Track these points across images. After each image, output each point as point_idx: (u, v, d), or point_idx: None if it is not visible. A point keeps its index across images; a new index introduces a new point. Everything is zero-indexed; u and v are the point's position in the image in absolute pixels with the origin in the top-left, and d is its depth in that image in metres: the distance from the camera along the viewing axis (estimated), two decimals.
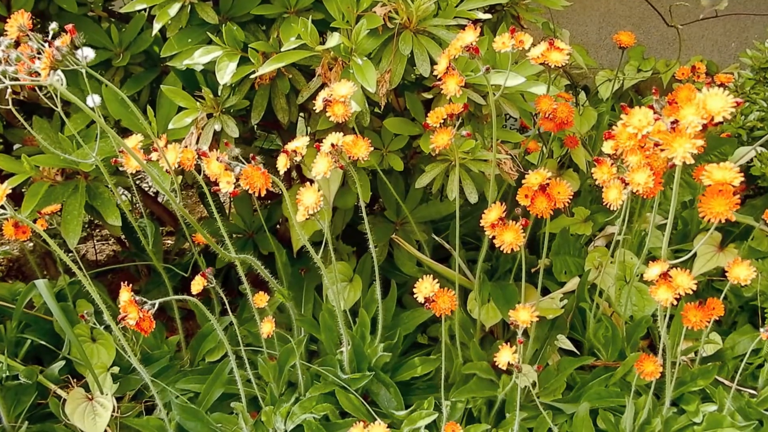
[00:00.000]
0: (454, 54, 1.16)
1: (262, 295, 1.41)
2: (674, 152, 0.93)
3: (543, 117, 1.41)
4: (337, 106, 1.20)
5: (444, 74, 1.18)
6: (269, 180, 1.18)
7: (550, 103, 1.38)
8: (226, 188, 1.20)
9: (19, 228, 1.45)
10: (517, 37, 1.20)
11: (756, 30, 2.53)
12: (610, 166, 1.16)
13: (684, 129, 0.92)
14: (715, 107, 0.92)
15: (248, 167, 1.17)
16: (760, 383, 1.41)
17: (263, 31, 1.41)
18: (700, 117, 0.92)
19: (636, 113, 0.98)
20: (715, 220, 0.99)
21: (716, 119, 0.92)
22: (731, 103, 0.92)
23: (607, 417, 1.36)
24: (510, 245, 1.15)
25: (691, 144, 0.92)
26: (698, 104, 0.93)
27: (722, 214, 0.98)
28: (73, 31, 1.06)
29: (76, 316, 1.55)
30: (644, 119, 0.97)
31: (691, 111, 0.93)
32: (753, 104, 1.78)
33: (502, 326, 1.58)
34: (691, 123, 0.92)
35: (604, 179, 1.17)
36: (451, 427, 1.32)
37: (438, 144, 1.21)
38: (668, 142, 0.94)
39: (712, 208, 0.99)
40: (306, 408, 1.40)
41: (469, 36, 1.15)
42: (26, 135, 1.62)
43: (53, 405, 1.43)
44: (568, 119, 1.43)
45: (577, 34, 2.62)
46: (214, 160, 1.20)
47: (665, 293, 1.06)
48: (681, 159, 0.92)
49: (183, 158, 1.25)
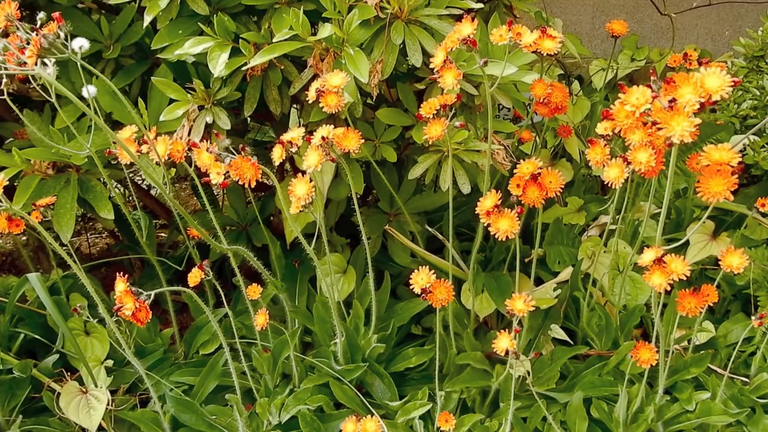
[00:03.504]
0: (451, 47, 1.15)
1: (256, 287, 1.41)
2: (672, 131, 0.93)
3: (537, 102, 1.41)
4: (330, 97, 1.19)
5: (441, 68, 1.17)
6: (259, 171, 1.18)
7: (544, 87, 1.37)
8: (216, 179, 1.19)
9: (12, 221, 1.44)
10: (515, 29, 1.20)
11: (750, 18, 2.53)
12: (603, 147, 1.16)
13: (682, 107, 0.92)
14: (713, 85, 0.92)
15: (238, 158, 1.17)
16: (753, 371, 1.42)
17: (254, 22, 1.40)
18: (698, 95, 0.92)
19: (634, 91, 0.98)
20: (713, 200, 0.99)
21: (714, 98, 0.92)
22: (729, 82, 0.91)
23: (601, 406, 1.36)
24: (505, 233, 1.15)
25: (688, 122, 0.92)
26: (696, 83, 0.92)
27: (720, 194, 0.98)
28: (59, 19, 1.05)
29: (70, 309, 1.55)
30: (642, 97, 0.97)
31: (689, 90, 0.93)
32: (746, 93, 1.78)
33: (496, 316, 1.58)
34: (689, 101, 0.92)
35: (597, 160, 1.17)
36: (445, 417, 1.33)
37: (431, 135, 1.20)
38: (666, 120, 0.93)
39: (710, 188, 0.99)
40: (300, 399, 1.40)
41: (467, 28, 1.14)
42: (17, 128, 1.61)
43: (47, 398, 1.43)
44: (562, 104, 1.42)
45: (570, 24, 2.62)
46: (204, 152, 1.20)
47: (659, 279, 1.06)
48: (679, 137, 0.92)
49: (173, 150, 1.24)
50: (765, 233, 1.63)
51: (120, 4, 1.40)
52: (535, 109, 1.45)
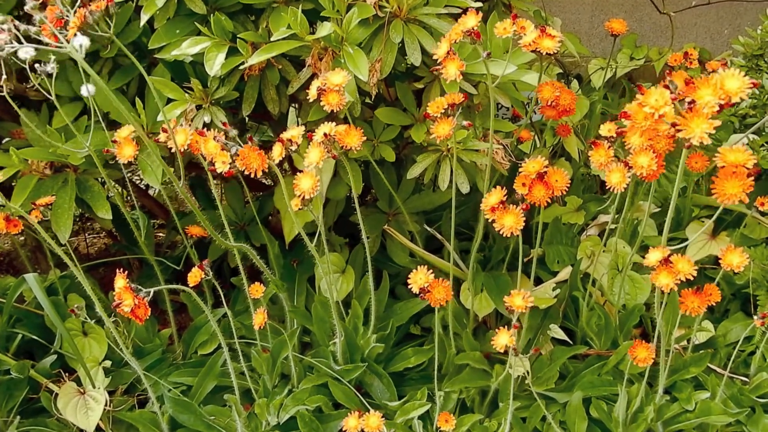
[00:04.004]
0: (455, 38, 1.14)
1: (258, 286, 1.41)
2: (691, 133, 0.92)
3: (545, 105, 1.40)
4: (332, 95, 1.19)
5: (444, 59, 1.17)
6: (266, 161, 1.17)
7: (552, 90, 1.37)
8: (221, 168, 1.19)
9: (10, 221, 1.44)
10: (519, 23, 1.19)
11: (749, 17, 2.53)
12: (606, 149, 1.15)
13: (701, 109, 0.91)
14: (733, 87, 0.91)
15: (245, 147, 1.17)
16: (752, 370, 1.42)
17: (252, 21, 1.40)
18: (718, 97, 0.91)
19: (653, 93, 0.96)
20: (729, 202, 0.98)
21: (733, 99, 0.91)
22: (748, 84, 0.91)
23: (600, 405, 1.36)
24: (510, 229, 1.14)
25: (708, 124, 0.91)
26: (715, 84, 0.92)
27: (736, 196, 0.98)
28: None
29: (68, 310, 1.55)
30: (661, 99, 0.95)
31: (709, 91, 0.92)
32: None
33: (495, 316, 1.58)
34: (708, 103, 0.91)
35: (601, 162, 1.16)
36: (445, 417, 1.32)
37: (439, 134, 1.19)
38: (685, 123, 0.93)
39: (726, 190, 0.99)
40: (299, 400, 1.40)
41: (471, 20, 1.13)
42: (14, 128, 1.60)
43: (45, 399, 1.43)
44: (570, 107, 1.42)
45: (569, 23, 2.61)
46: (210, 140, 1.19)
47: (666, 279, 1.05)
48: (698, 140, 0.91)
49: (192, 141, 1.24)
50: (764, 232, 1.63)
51: (117, 3, 1.39)
52: (541, 111, 1.44)
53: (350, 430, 1.27)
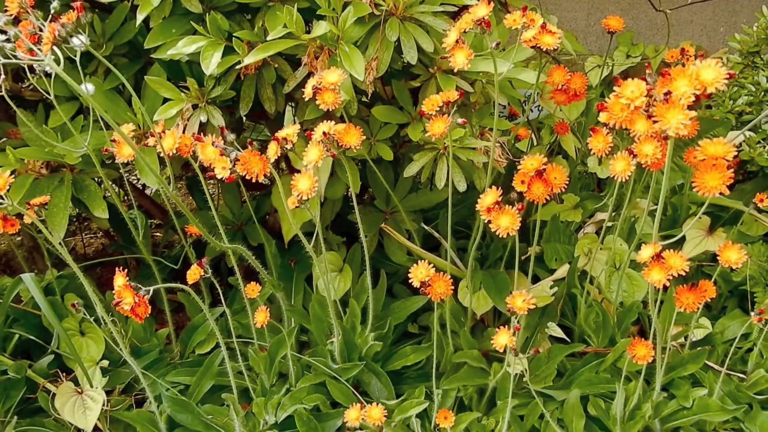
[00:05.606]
0: (465, 27, 1.14)
1: (255, 285, 1.40)
2: (667, 123, 0.92)
3: (556, 89, 1.40)
4: (327, 94, 1.18)
5: (453, 47, 1.16)
6: (267, 165, 1.17)
7: (563, 74, 1.36)
8: (221, 174, 1.18)
9: (7, 221, 1.44)
10: (529, 15, 1.19)
11: (745, 14, 2.53)
12: (605, 135, 1.15)
13: (677, 100, 0.92)
14: (708, 78, 0.91)
15: (245, 152, 1.16)
16: (750, 367, 1.42)
17: (248, 20, 1.39)
18: (693, 88, 0.91)
19: (629, 84, 0.97)
20: (709, 194, 0.98)
21: (708, 90, 0.91)
22: (724, 74, 0.91)
23: (598, 403, 1.36)
24: (506, 230, 1.14)
25: (684, 115, 0.91)
26: (691, 75, 0.92)
27: (716, 188, 0.98)
28: (80, 8, 1.04)
29: (65, 310, 1.54)
30: (636, 90, 0.96)
31: (684, 82, 0.92)
32: (741, 89, 1.78)
33: (493, 314, 1.58)
34: (684, 93, 0.91)
35: (600, 149, 1.16)
36: (444, 414, 1.32)
37: (434, 132, 1.19)
38: (661, 113, 0.93)
39: (706, 183, 0.99)
40: (297, 399, 1.39)
41: (482, 10, 1.13)
42: (10, 128, 1.60)
43: (42, 399, 1.43)
44: (580, 91, 1.41)
45: (565, 20, 2.61)
46: (209, 145, 1.19)
47: (658, 274, 1.05)
48: (674, 130, 0.92)
49: (181, 144, 1.23)
50: (761, 229, 1.63)
51: (112, 3, 1.39)
52: (552, 96, 1.44)
53: (351, 422, 1.26)
